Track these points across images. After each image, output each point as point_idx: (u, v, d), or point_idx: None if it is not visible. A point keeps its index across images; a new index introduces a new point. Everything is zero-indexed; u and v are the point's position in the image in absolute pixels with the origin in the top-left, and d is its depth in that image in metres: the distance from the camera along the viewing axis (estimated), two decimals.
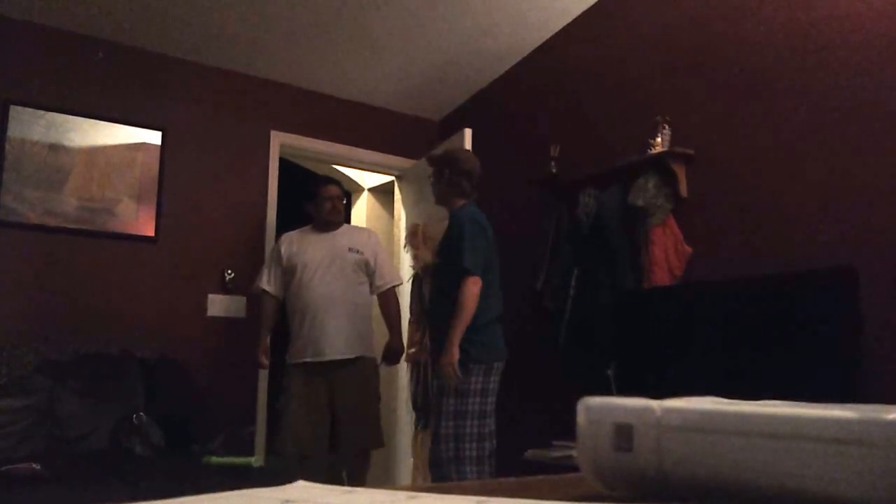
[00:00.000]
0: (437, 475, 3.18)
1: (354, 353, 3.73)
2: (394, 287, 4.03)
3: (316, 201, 3.92)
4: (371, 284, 3.93)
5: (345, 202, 4.19)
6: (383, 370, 4.05)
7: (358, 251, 3.86)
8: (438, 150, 3.86)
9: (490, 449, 3.22)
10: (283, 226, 4.60)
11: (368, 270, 3.89)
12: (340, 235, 3.93)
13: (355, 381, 3.74)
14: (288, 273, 3.85)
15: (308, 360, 3.69)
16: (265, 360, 3.86)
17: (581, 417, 0.44)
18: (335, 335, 3.68)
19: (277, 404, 3.82)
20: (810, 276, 2.72)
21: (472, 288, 3.15)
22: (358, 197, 6.11)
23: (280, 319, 3.97)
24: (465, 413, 3.15)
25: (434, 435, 3.23)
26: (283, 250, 3.90)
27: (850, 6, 2.92)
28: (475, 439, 3.15)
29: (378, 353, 3.92)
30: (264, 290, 3.92)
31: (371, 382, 3.84)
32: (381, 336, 3.99)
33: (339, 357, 3.69)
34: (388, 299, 3.99)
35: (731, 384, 2.73)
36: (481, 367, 3.18)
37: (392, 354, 3.93)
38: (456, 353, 3.11)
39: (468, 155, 3.62)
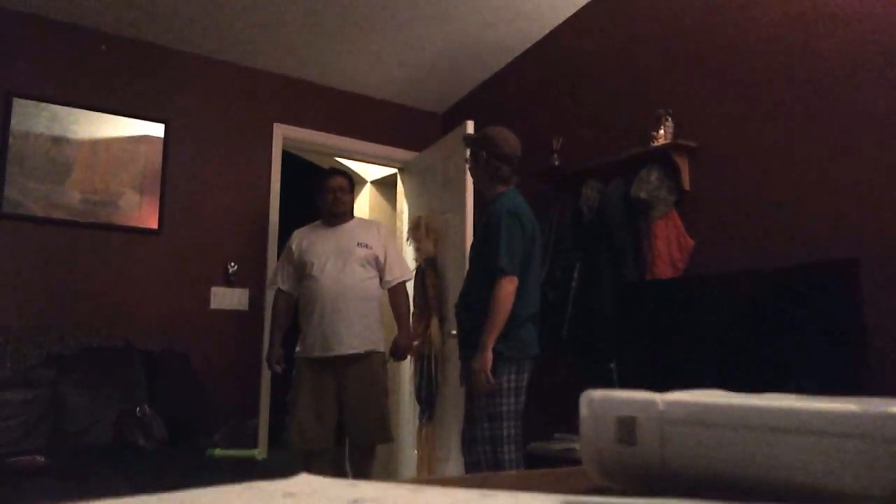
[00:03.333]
0: None
1: (363, 349, 3.71)
2: (403, 282, 4.01)
3: (321, 193, 3.92)
4: (381, 279, 3.91)
5: (352, 192, 4.14)
6: (389, 364, 4.05)
7: (367, 246, 3.84)
8: (478, 132, 3.53)
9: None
10: (287, 218, 4.61)
11: (378, 265, 3.87)
12: (349, 230, 3.91)
13: (364, 376, 3.73)
14: (299, 269, 3.85)
15: (317, 355, 3.70)
16: (278, 368, 3.86)
17: (584, 410, 0.44)
18: (344, 331, 3.68)
19: (287, 397, 3.82)
20: (813, 269, 2.71)
21: (508, 287, 2.90)
22: (361, 189, 6.10)
23: (293, 316, 3.98)
24: (499, 414, 2.92)
25: (469, 439, 3.00)
26: (293, 247, 3.90)
27: (856, 2, 2.91)
28: (512, 441, 2.94)
29: (387, 347, 3.91)
30: (279, 290, 3.93)
31: (379, 377, 3.83)
32: (389, 330, 3.98)
33: (347, 352, 3.68)
34: (397, 294, 3.97)
35: (734, 377, 2.73)
36: (513, 365, 2.95)
37: (400, 350, 3.92)
38: (489, 359, 2.88)
39: (507, 136, 3.19)
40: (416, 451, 4.60)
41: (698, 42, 3.53)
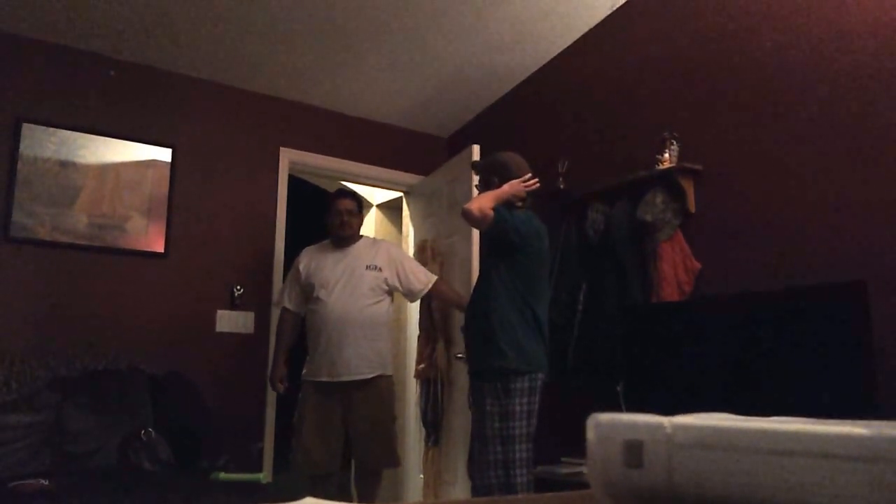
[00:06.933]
0: None
1: (371, 374, 3.69)
2: (435, 281, 3.99)
3: (329, 214, 3.92)
4: (409, 293, 3.94)
5: (361, 214, 4.12)
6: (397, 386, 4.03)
7: (376, 268, 3.82)
8: (486, 157, 3.57)
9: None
10: (292, 242, 4.61)
11: (388, 286, 3.86)
12: (357, 251, 3.89)
13: (371, 400, 3.70)
14: (306, 290, 3.84)
15: (324, 379, 3.68)
16: (281, 386, 3.84)
17: (591, 434, 0.44)
18: (352, 356, 3.65)
19: (293, 420, 3.80)
20: (820, 291, 2.70)
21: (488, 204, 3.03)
22: (367, 212, 6.12)
23: (299, 335, 3.97)
24: (512, 437, 2.91)
25: (481, 462, 2.98)
26: (301, 267, 3.89)
27: (860, 24, 2.92)
28: (524, 464, 2.92)
29: (396, 369, 3.89)
30: (285, 308, 3.92)
31: (387, 401, 3.81)
32: (397, 353, 3.96)
33: (355, 378, 3.67)
34: (440, 292, 3.99)
35: (742, 400, 2.71)
36: (525, 386, 2.94)
37: None
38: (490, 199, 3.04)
39: (518, 160, 3.26)
40: (421, 475, 4.57)
41: (703, 65, 3.55)
